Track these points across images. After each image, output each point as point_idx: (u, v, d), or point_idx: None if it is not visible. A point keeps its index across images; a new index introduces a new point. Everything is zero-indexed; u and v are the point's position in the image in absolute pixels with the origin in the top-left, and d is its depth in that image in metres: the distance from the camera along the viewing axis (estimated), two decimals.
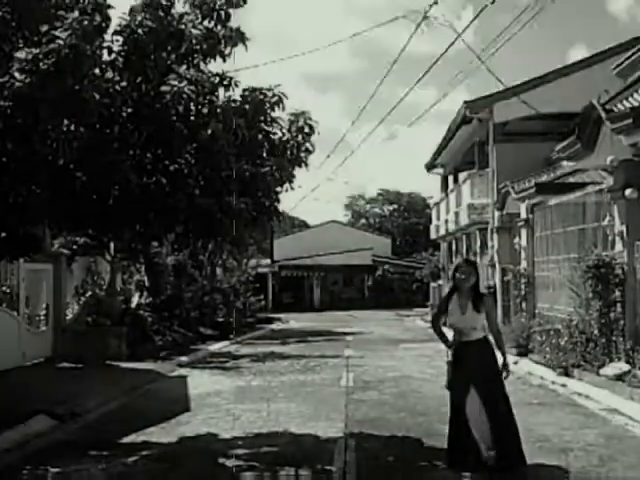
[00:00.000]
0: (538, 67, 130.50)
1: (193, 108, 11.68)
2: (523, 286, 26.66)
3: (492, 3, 20.21)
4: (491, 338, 10.58)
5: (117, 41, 11.88)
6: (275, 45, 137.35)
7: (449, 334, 10.92)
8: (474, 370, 10.31)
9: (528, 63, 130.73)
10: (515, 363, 22.85)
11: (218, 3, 12.35)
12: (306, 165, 13.34)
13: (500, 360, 10.47)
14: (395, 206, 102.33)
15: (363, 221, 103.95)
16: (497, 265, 31.07)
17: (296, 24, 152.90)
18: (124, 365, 23.45)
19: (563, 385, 18.27)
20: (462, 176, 40.78)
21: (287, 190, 13.68)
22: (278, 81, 12.54)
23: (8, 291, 23.78)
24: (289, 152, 12.92)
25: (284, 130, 12.88)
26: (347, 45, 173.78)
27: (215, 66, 12.79)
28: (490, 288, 31.49)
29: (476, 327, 10.32)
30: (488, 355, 10.42)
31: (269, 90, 12.32)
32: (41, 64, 9.79)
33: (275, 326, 48.18)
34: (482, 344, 10.40)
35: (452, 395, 10.98)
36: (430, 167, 49.84)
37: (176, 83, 11.29)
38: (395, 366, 23.50)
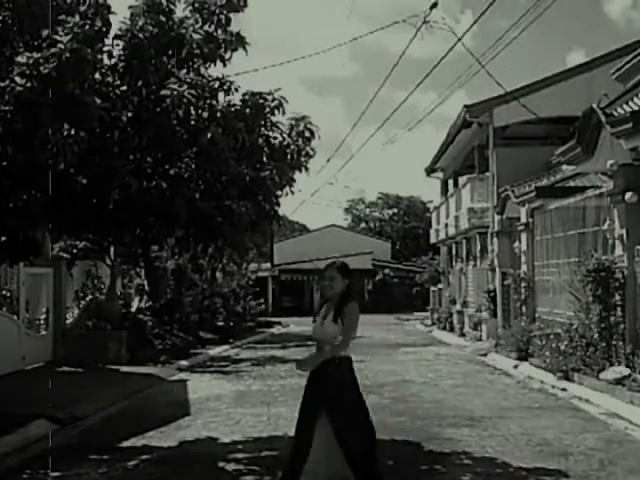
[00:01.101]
0: (537, 71, 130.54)
1: (193, 112, 11.70)
2: (523, 290, 26.64)
3: (491, 5, 20.20)
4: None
5: (117, 45, 11.93)
6: (274, 49, 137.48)
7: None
8: (326, 392, 8.72)
9: (527, 67, 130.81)
10: (515, 367, 22.89)
11: (218, 7, 12.38)
12: (306, 170, 13.37)
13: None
14: (395, 210, 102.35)
15: (363, 225, 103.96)
16: (497, 269, 31.05)
17: (295, 28, 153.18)
18: (124, 369, 23.45)
19: (563, 389, 18.28)
20: (462, 180, 40.71)
21: (287, 194, 13.70)
22: (277, 85, 12.59)
23: (8, 295, 23.80)
24: (289, 156, 12.94)
25: (284, 134, 12.91)
26: (346, 49, 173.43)
27: (215, 70, 12.84)
28: (490, 292, 31.51)
29: (330, 341, 8.67)
30: (342, 374, 8.74)
31: (269, 94, 12.35)
32: (42, 68, 9.81)
33: (275, 330, 48.17)
34: (337, 361, 8.66)
35: (300, 422, 9.07)
36: (430, 171, 49.81)
37: (176, 87, 11.31)
38: (395, 370, 23.51)
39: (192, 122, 11.77)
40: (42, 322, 25.30)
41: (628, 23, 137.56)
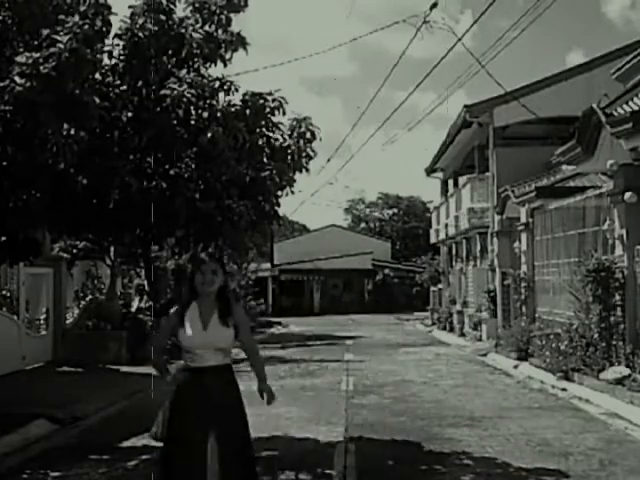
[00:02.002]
0: (537, 71, 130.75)
1: (193, 112, 11.70)
2: (523, 290, 26.64)
3: (491, 5, 20.22)
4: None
5: (117, 45, 11.92)
6: (274, 49, 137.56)
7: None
8: (206, 411, 7.30)
9: (526, 67, 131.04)
10: (515, 367, 22.89)
11: (219, 7, 12.38)
12: (307, 170, 13.35)
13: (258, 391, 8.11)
14: (395, 210, 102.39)
15: (363, 225, 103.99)
16: (497, 269, 31.06)
17: (295, 29, 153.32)
18: (124, 369, 23.45)
19: (563, 389, 18.28)
20: (462, 180, 40.72)
21: (287, 194, 13.69)
22: (277, 85, 12.63)
23: (8, 295, 23.81)
24: (290, 158, 12.92)
25: (285, 136, 12.90)
26: (346, 49, 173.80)
27: (215, 71, 12.83)
28: (490, 292, 31.51)
29: (223, 348, 7.44)
30: (229, 389, 7.57)
31: (269, 95, 12.34)
32: (41, 68, 9.80)
33: (275, 330, 48.19)
34: (221, 372, 7.48)
35: (165, 451, 7.51)
36: (430, 171, 49.84)
37: (176, 87, 11.30)
38: (395, 370, 23.50)
39: (192, 122, 11.77)
40: (42, 322, 25.32)
41: (627, 23, 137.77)
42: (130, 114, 11.93)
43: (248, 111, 12.26)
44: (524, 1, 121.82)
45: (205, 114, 11.86)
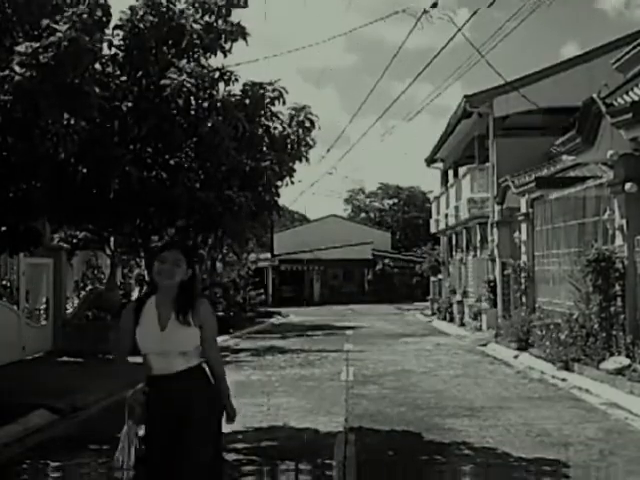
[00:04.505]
0: (533, 62, 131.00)
1: (193, 102, 11.69)
2: (523, 280, 26.66)
3: (490, 5, 20.23)
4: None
5: (118, 35, 11.91)
6: (272, 40, 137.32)
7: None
8: (170, 427, 6.38)
9: (522, 59, 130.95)
10: (515, 357, 22.91)
11: (218, 7, 12.39)
12: (307, 160, 13.36)
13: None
14: (395, 200, 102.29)
15: (363, 215, 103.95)
16: (497, 259, 31.06)
17: (293, 20, 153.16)
18: None
19: (563, 379, 18.28)
20: (462, 170, 40.72)
21: (287, 184, 13.69)
22: (275, 76, 12.59)
23: (8, 285, 23.81)
24: (289, 147, 12.93)
25: (285, 125, 12.90)
26: (343, 40, 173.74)
27: (215, 61, 12.82)
28: (490, 282, 31.52)
29: (186, 351, 6.38)
30: (198, 398, 6.44)
31: (269, 84, 12.34)
32: (41, 57, 9.79)
33: (275, 320, 48.23)
34: (192, 376, 6.45)
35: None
36: (430, 161, 49.83)
37: (176, 77, 11.29)
38: (395, 360, 23.52)
39: (192, 112, 11.77)
40: (42, 312, 25.33)
41: (620, 15, 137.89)
42: (130, 104, 11.92)
43: (248, 101, 12.27)
44: None
45: (205, 104, 11.86)
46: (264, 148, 12.99)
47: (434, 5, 20.69)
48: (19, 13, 10.89)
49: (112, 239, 27.39)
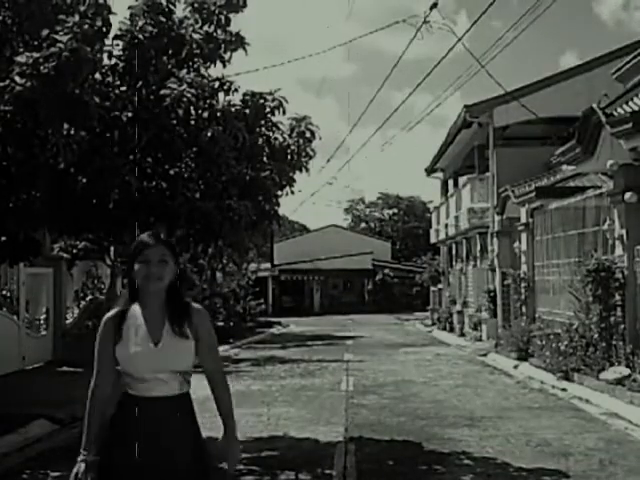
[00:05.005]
0: (532, 72, 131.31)
1: (193, 112, 11.68)
2: (523, 290, 26.66)
3: (491, 5, 20.23)
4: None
5: (117, 45, 11.91)
6: (271, 50, 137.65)
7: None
8: (151, 464, 4.99)
9: (522, 69, 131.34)
10: (515, 367, 22.90)
11: (218, 7, 12.38)
12: (307, 170, 13.38)
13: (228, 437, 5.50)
14: (395, 210, 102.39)
15: (363, 225, 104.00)
16: (497, 269, 31.05)
17: (292, 29, 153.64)
18: None
19: (563, 389, 18.28)
20: (462, 180, 40.82)
21: (287, 194, 13.71)
22: (275, 85, 12.61)
23: (8, 295, 23.80)
24: (290, 157, 12.94)
25: (285, 135, 12.92)
26: (342, 50, 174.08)
27: (215, 71, 12.84)
28: (490, 292, 31.51)
29: (178, 370, 5.15)
30: (187, 434, 5.24)
31: (269, 94, 12.35)
32: (42, 68, 9.80)
33: (275, 330, 48.21)
34: (177, 407, 5.20)
35: None
36: (430, 171, 49.88)
37: (176, 87, 11.30)
38: (395, 370, 23.51)
39: (192, 122, 11.76)
40: (42, 322, 25.32)
41: (619, 24, 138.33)
42: (130, 114, 11.92)
43: (248, 111, 12.28)
44: (518, 3, 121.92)
45: (205, 114, 11.86)
46: (264, 158, 13.00)
47: (434, 5, 20.66)
48: (19, 23, 10.91)
49: (112, 249, 27.39)
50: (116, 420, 5.17)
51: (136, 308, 5.21)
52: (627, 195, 17.72)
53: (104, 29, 11.32)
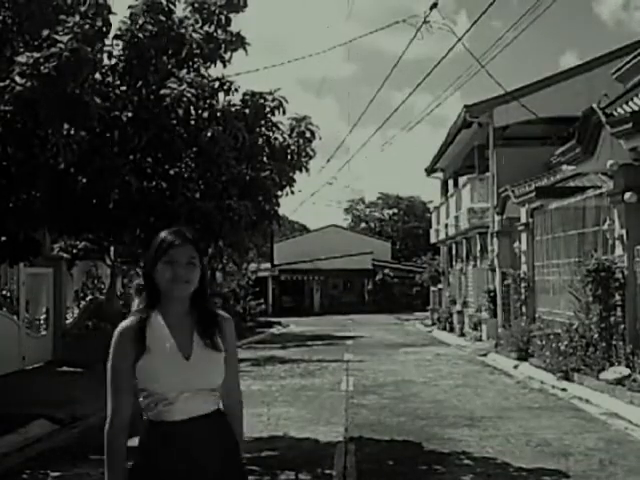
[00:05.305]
0: (532, 72, 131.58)
1: (193, 112, 11.69)
2: (523, 290, 26.65)
3: (491, 5, 20.24)
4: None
5: (117, 45, 11.91)
6: (272, 50, 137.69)
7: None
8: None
9: (521, 69, 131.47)
10: (515, 367, 22.90)
11: (218, 7, 12.39)
12: (307, 170, 13.39)
13: None
14: (395, 210, 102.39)
15: (363, 225, 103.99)
16: (497, 269, 31.04)
17: (292, 29, 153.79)
18: None
19: (563, 389, 18.28)
20: (462, 180, 40.83)
21: (287, 194, 13.71)
22: (275, 85, 12.62)
23: (8, 295, 23.81)
24: (290, 157, 12.95)
25: (285, 135, 12.92)
26: (342, 50, 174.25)
27: (215, 71, 12.84)
28: (490, 292, 31.50)
29: (213, 387, 4.48)
30: (231, 453, 4.62)
31: (269, 94, 12.36)
32: (42, 68, 9.80)
33: (275, 330, 48.19)
34: (216, 425, 4.52)
35: None
36: (430, 171, 49.87)
37: (176, 87, 11.30)
38: (395, 370, 23.51)
39: (192, 122, 11.77)
40: (42, 322, 25.32)
41: (619, 24, 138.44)
42: (130, 114, 11.92)
43: (248, 111, 12.28)
44: (518, 3, 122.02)
45: (205, 114, 11.87)
46: (264, 158, 13.00)
47: (434, 5, 20.68)
48: (20, 23, 10.92)
49: (112, 249, 27.41)
50: (147, 453, 4.46)
51: (157, 316, 4.49)
52: (627, 195, 17.72)
53: (104, 29, 11.33)
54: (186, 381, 4.34)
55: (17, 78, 9.85)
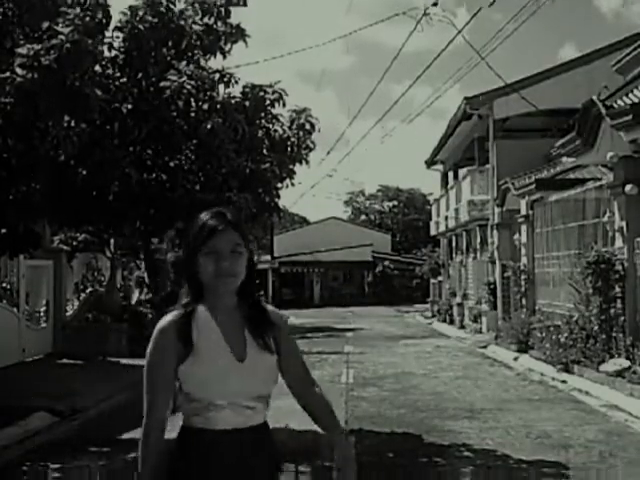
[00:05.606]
0: (535, 63, 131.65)
1: (193, 104, 11.70)
2: (523, 282, 26.63)
3: (490, 5, 20.24)
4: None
5: (117, 37, 11.92)
6: (271, 42, 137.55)
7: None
8: None
9: (525, 59, 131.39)
10: (515, 359, 22.90)
11: (218, 2, 12.41)
12: (307, 162, 13.39)
13: None
14: (395, 202, 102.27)
15: (363, 217, 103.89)
16: (497, 261, 31.02)
17: (292, 22, 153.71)
18: (124, 361, 23.41)
19: (563, 381, 18.28)
20: (462, 172, 40.80)
21: (287, 186, 13.71)
22: (274, 78, 12.63)
23: (8, 287, 23.80)
24: (290, 149, 12.95)
25: (285, 127, 12.92)
26: (341, 42, 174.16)
27: (215, 63, 12.84)
28: (490, 284, 31.49)
29: (266, 395, 4.05)
30: (273, 470, 4.08)
31: (269, 87, 12.36)
32: (43, 59, 9.80)
33: None
34: (263, 439, 4.01)
35: None
36: (430, 163, 49.81)
37: (176, 79, 11.30)
38: (395, 362, 23.50)
39: (192, 114, 11.78)
40: (42, 314, 25.30)
41: (617, 16, 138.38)
42: (130, 106, 11.94)
43: (248, 103, 12.29)
44: None
45: (205, 106, 11.88)
46: (264, 150, 13.01)
47: (434, 4, 20.70)
48: (20, 15, 10.91)
49: (112, 241, 27.43)
50: (175, 465, 3.91)
51: (204, 310, 3.93)
52: (627, 187, 17.71)
53: (104, 21, 11.35)
54: (238, 387, 3.82)
55: (18, 70, 9.86)
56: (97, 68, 11.44)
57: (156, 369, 3.84)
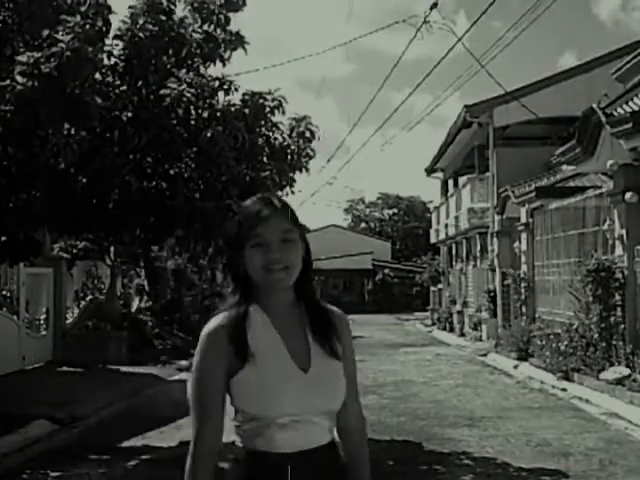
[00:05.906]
0: (535, 71, 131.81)
1: (193, 112, 11.72)
2: (523, 290, 26.62)
3: (491, 5, 20.25)
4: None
5: (118, 45, 11.94)
6: (271, 50, 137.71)
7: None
8: None
9: (525, 67, 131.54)
10: (515, 367, 22.89)
11: (218, 7, 12.40)
12: (307, 170, 13.40)
13: None
14: (395, 210, 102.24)
15: (363, 225, 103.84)
16: (497, 269, 31.00)
17: (291, 29, 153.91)
18: (124, 369, 23.42)
19: (563, 389, 18.27)
20: (462, 180, 40.80)
21: (287, 194, 13.71)
22: (274, 85, 12.65)
23: (8, 295, 23.78)
24: (290, 157, 12.96)
25: (285, 135, 12.94)
26: (341, 50, 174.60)
27: (215, 70, 12.86)
28: (490, 292, 31.48)
29: (335, 409, 3.42)
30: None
31: (269, 94, 12.37)
32: (43, 67, 9.81)
33: None
34: (333, 459, 3.59)
35: None
36: (430, 171, 49.81)
37: (176, 87, 11.32)
38: (395, 370, 23.49)
39: (192, 122, 11.79)
40: (42, 322, 25.28)
41: (618, 24, 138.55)
42: (130, 114, 11.95)
43: (248, 111, 12.30)
44: (518, 3, 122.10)
45: (205, 114, 11.89)
46: (264, 158, 13.02)
47: (434, 5, 20.71)
48: (20, 23, 10.93)
49: (112, 249, 27.41)
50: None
51: (258, 312, 3.36)
52: (627, 195, 17.71)
53: (104, 29, 11.37)
54: (304, 401, 3.24)
55: (18, 77, 9.87)
56: (97, 76, 11.45)
57: (207, 379, 3.28)
